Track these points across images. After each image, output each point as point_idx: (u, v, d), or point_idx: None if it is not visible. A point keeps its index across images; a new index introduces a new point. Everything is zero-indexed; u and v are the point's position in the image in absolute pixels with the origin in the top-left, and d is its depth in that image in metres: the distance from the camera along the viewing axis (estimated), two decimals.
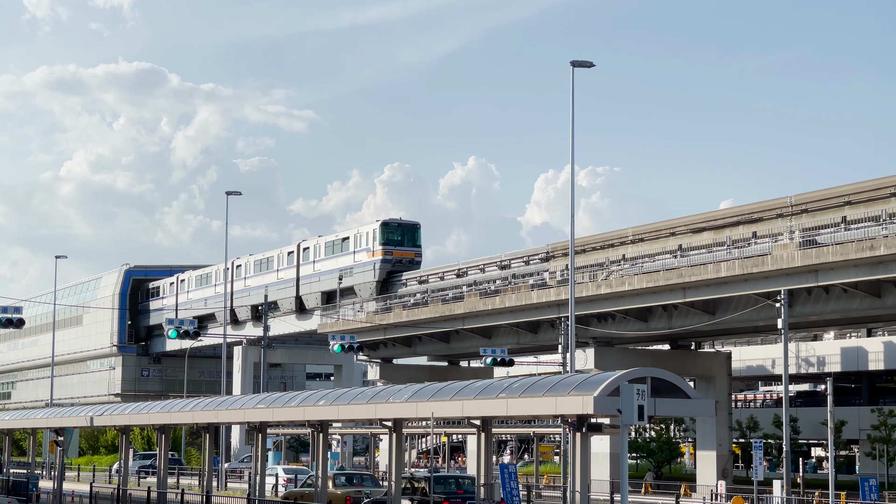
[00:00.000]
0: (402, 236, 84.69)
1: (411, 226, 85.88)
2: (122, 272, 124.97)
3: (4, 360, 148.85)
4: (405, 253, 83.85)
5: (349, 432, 75.68)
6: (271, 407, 35.68)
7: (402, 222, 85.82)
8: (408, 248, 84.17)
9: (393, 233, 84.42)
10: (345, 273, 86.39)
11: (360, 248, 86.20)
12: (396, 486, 30.75)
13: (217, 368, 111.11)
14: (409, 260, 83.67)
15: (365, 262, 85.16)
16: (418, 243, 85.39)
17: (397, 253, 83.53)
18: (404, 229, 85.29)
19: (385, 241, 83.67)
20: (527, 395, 26.34)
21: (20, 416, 62.54)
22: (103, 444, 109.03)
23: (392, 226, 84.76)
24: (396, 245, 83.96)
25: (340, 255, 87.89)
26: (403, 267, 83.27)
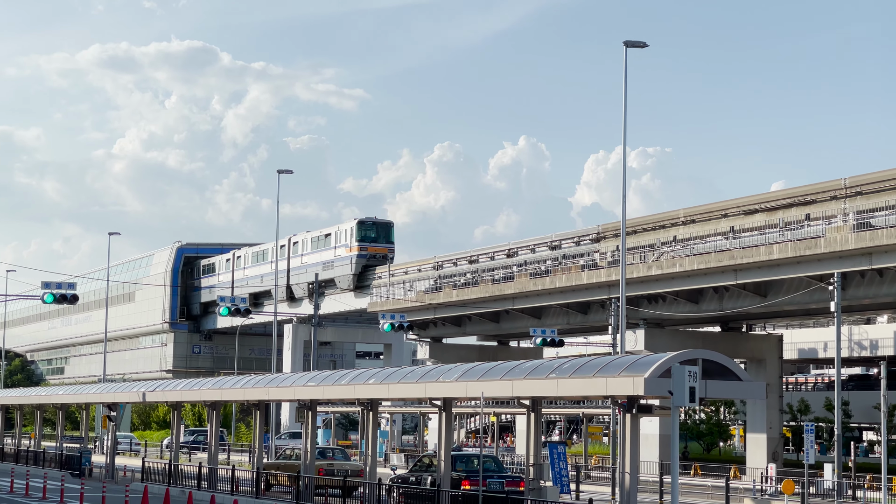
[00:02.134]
0: (377, 234, 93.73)
1: (385, 224, 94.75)
2: (174, 249, 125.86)
3: (58, 336, 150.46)
4: (379, 249, 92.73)
5: (398, 411, 75.76)
6: (321, 385, 35.82)
7: (376, 221, 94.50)
8: (381, 244, 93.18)
9: (368, 230, 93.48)
10: (327, 266, 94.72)
11: (340, 243, 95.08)
12: (446, 466, 30.80)
13: (267, 346, 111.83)
14: (383, 255, 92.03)
15: (343, 256, 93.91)
16: (391, 240, 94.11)
17: (371, 249, 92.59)
18: (378, 227, 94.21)
19: (361, 238, 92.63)
20: (577, 375, 26.28)
21: (74, 391, 63.18)
22: (154, 419, 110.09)
23: (367, 224, 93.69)
24: (371, 242, 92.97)
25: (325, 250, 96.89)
26: (377, 261, 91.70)
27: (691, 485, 50.64)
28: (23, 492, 40.55)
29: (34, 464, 57.33)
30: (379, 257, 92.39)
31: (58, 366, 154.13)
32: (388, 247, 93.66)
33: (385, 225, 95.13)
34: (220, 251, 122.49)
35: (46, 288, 52.58)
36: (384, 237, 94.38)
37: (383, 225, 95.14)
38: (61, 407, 62.75)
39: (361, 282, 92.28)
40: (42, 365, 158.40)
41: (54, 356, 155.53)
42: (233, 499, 31.65)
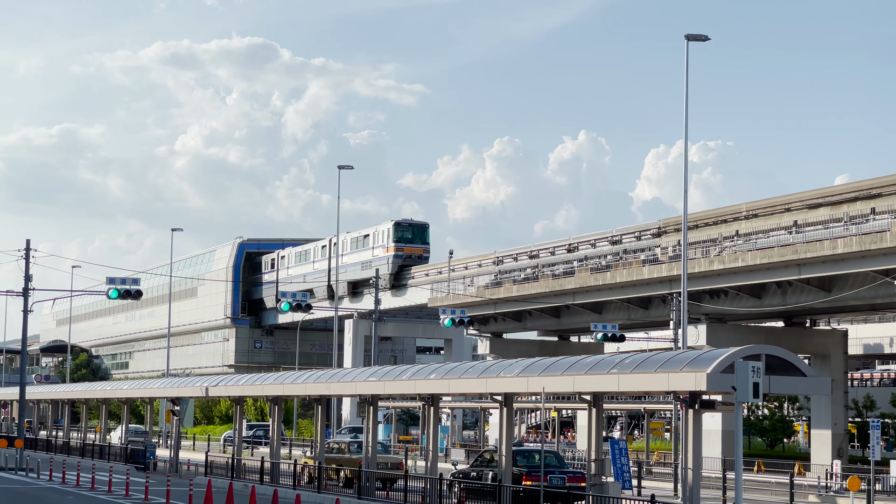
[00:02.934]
0: (413, 235, 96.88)
1: (420, 225, 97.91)
2: (236, 245, 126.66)
3: (123, 331, 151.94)
4: (415, 249, 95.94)
5: (459, 406, 75.95)
6: (382, 380, 35.91)
7: (412, 222, 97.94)
8: (417, 245, 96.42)
9: (404, 231, 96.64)
10: (365, 265, 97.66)
11: (378, 244, 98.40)
12: (507, 461, 30.78)
13: (328, 341, 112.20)
14: (419, 255, 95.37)
15: (381, 256, 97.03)
16: (427, 241, 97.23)
17: (407, 249, 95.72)
18: (414, 229, 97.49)
19: (397, 239, 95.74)
20: (638, 370, 26.16)
21: (138, 386, 63.83)
22: (217, 414, 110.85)
23: (403, 225, 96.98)
24: (407, 242, 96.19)
25: (364, 250, 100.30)
26: (413, 262, 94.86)
27: (755, 481, 50.25)
28: (89, 485, 41.01)
29: (100, 457, 57.97)
30: (415, 257, 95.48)
31: (122, 361, 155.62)
32: (423, 247, 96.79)
33: (420, 226, 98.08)
34: (280, 246, 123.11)
35: (111, 283, 53.12)
36: (420, 238, 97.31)
37: (419, 226, 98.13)
38: (126, 401, 63.41)
39: (398, 281, 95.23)
40: (107, 360, 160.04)
41: (119, 351, 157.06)
42: (295, 493, 31.81)
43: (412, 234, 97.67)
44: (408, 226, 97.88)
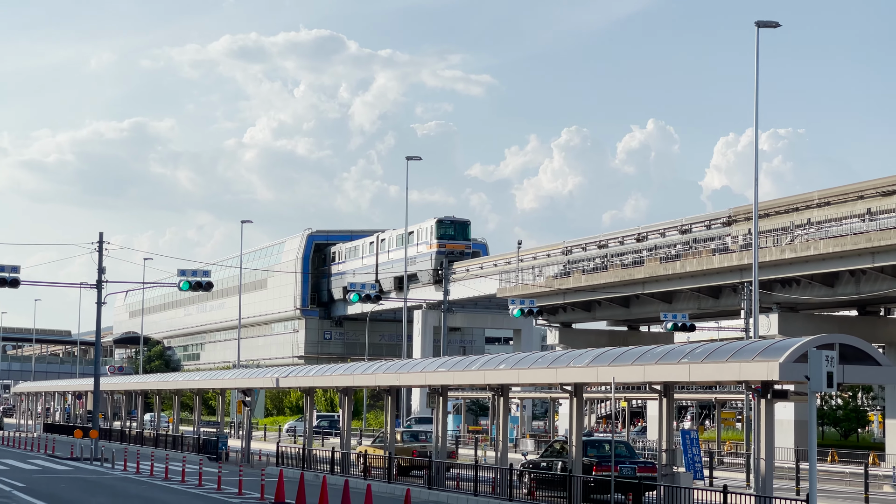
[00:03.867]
0: (455, 231, 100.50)
1: (462, 222, 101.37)
2: (305, 236, 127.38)
3: (194, 323, 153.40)
4: (457, 245, 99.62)
5: (529, 396, 75.92)
6: (452, 370, 35.94)
7: (454, 220, 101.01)
8: (459, 241, 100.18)
9: (447, 228, 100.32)
10: (410, 261, 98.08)
11: (421, 241, 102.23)
12: (577, 451, 30.70)
13: (397, 332, 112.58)
14: (461, 252, 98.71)
15: (424, 253, 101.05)
16: (468, 237, 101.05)
17: (450, 245, 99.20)
18: (456, 226, 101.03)
19: (440, 236, 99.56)
20: (709, 360, 25.98)
21: (210, 377, 64.41)
22: (287, 405, 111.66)
23: (446, 223, 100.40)
24: (450, 239, 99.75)
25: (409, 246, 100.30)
26: (455, 257, 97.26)
27: (828, 471, 49.74)
28: (162, 475, 41.45)
29: (173, 448, 58.58)
30: (457, 253, 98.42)
31: (193, 352, 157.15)
32: (465, 244, 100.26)
33: (462, 223, 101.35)
34: (349, 238, 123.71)
35: (182, 275, 53.64)
36: (462, 234, 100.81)
37: (461, 223, 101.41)
38: (198, 392, 64.00)
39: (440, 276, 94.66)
40: (178, 351, 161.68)
41: (190, 342, 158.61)
42: (366, 483, 31.94)
43: (454, 231, 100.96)
44: (450, 223, 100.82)
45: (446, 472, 36.32)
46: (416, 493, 33.58)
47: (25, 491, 33.72)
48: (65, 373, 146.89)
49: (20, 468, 45.22)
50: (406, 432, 48.25)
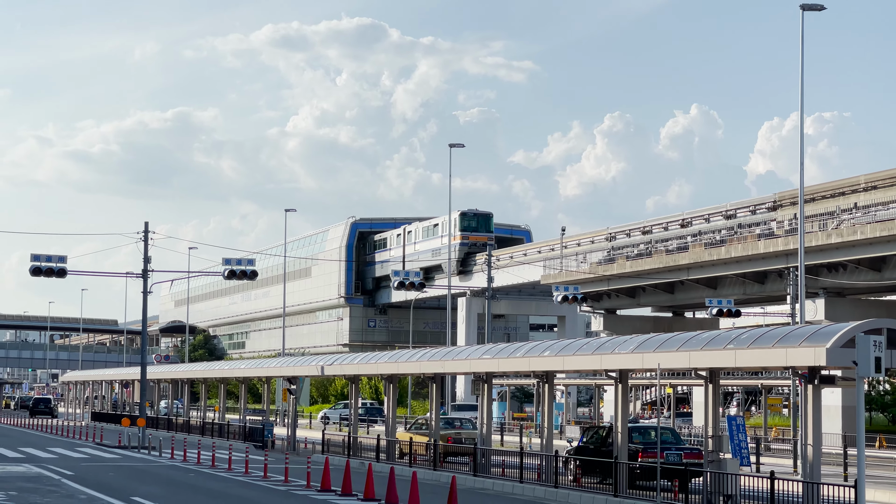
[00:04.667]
0: (478, 224, 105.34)
1: (485, 215, 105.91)
2: (349, 225, 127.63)
3: (239, 311, 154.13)
4: (479, 237, 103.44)
5: (573, 383, 75.81)
6: (496, 357, 35.92)
7: (477, 212, 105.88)
8: (481, 233, 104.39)
9: (470, 221, 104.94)
10: (435, 253, 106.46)
11: (445, 233, 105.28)
12: (623, 437, 30.62)
13: (441, 319, 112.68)
14: (483, 243, 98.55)
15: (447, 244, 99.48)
16: (490, 229, 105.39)
17: (472, 237, 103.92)
18: (479, 218, 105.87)
19: (463, 228, 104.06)
20: (755, 346, 25.82)
21: (255, 365, 64.70)
22: (332, 392, 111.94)
23: (469, 215, 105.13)
24: (472, 231, 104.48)
25: (433, 238, 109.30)
26: (478, 249, 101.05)
27: (876, 457, 49.33)
28: (209, 463, 41.70)
29: (219, 436, 58.90)
30: (479, 245, 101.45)
31: (238, 340, 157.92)
32: (487, 235, 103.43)
33: (485, 216, 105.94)
34: (392, 226, 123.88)
35: (227, 264, 53.89)
36: (484, 226, 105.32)
37: (483, 216, 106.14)
38: (243, 380, 64.31)
39: (464, 267, 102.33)
40: (224, 340, 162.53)
41: (235, 331, 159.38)
42: (412, 470, 31.99)
43: (477, 223, 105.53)
44: (473, 215, 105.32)
45: (446, 454, 36.32)
46: (462, 479, 33.61)
47: (74, 479, 34.03)
48: (112, 362, 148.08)
49: (69, 456, 45.63)
50: (442, 419, 48.24)
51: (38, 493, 28.88)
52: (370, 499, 28.25)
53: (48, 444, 54.56)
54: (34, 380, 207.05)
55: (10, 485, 31.27)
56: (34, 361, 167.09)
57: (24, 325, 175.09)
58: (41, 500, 27.30)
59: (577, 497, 29.99)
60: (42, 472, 36.76)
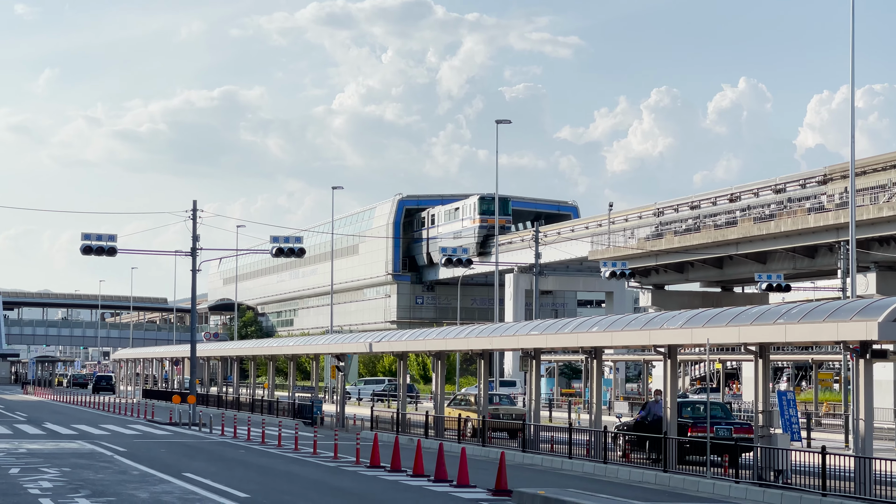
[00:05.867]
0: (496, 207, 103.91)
1: (503, 199, 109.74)
2: (396, 202, 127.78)
3: (287, 289, 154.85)
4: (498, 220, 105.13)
5: (621, 359, 75.69)
6: (545, 333, 35.87)
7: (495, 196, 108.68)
8: (500, 216, 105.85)
9: (489, 204, 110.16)
10: (456, 235, 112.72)
11: (466, 216, 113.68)
12: (672, 412, 30.50)
13: (489, 296, 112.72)
14: (502, 226, 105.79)
15: (468, 227, 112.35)
16: (508, 213, 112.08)
17: (491, 220, 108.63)
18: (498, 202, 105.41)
19: (482, 212, 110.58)
20: (806, 320, 25.62)
21: (304, 343, 64.97)
22: (380, 369, 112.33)
23: (488, 199, 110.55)
24: (491, 214, 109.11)
25: (455, 221, 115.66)
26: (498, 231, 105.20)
27: None
28: (259, 439, 41.96)
29: (268, 413, 59.25)
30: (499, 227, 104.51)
31: (287, 318, 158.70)
32: (505, 218, 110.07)
33: (503, 200, 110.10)
34: (439, 202, 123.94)
35: (275, 242, 54.09)
36: (502, 210, 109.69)
37: (502, 200, 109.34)
38: (292, 358, 64.60)
39: (484, 248, 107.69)
40: (272, 317, 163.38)
41: (283, 308, 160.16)
42: (460, 446, 32.06)
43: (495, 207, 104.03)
44: (491, 199, 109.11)
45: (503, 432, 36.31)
46: (510, 455, 33.64)
47: (127, 455, 34.35)
48: (162, 339, 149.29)
49: (121, 433, 46.06)
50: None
51: (91, 469, 29.18)
52: (419, 474, 28.33)
53: (100, 421, 55.09)
54: (85, 358, 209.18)
55: (64, 461, 31.62)
56: (85, 339, 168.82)
57: (76, 303, 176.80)
58: (94, 475, 27.58)
59: (626, 472, 29.94)
60: (95, 448, 37.14)
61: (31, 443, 39.38)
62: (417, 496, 24.69)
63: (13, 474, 27.66)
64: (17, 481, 26.00)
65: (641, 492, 26.55)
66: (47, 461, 31.58)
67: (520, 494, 23.68)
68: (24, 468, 29.24)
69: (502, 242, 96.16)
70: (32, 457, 33.23)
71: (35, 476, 27.17)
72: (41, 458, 32.88)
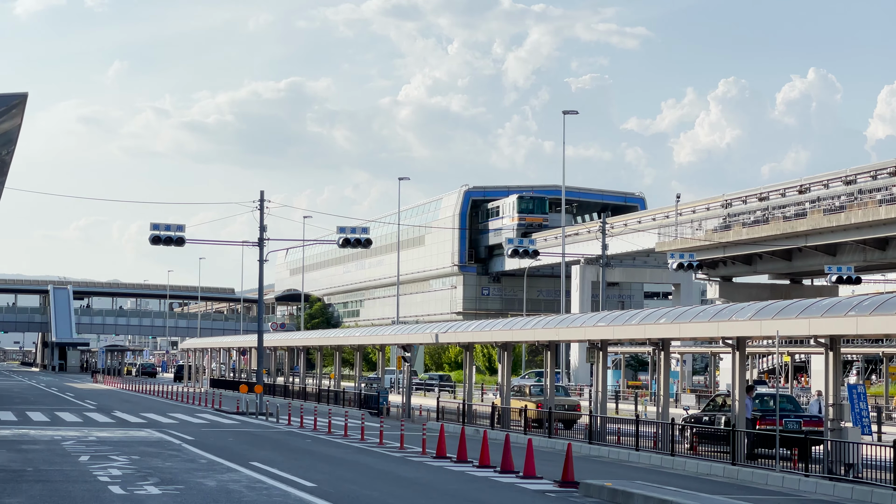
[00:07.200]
0: (534, 206, 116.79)
1: (540, 199, 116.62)
2: (462, 193, 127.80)
3: (353, 280, 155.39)
4: (535, 219, 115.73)
5: (689, 351, 75.20)
6: (612, 325, 35.71)
7: (533, 196, 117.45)
8: (537, 215, 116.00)
9: (527, 203, 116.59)
10: (495, 232, 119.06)
11: (505, 214, 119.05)
12: (741, 405, 30.26)
13: (555, 287, 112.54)
14: (539, 224, 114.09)
15: (507, 225, 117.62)
16: (545, 211, 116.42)
17: (528, 219, 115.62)
18: (535, 201, 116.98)
19: (520, 210, 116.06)
20: (878, 312, 25.30)
21: (370, 333, 65.15)
22: (446, 360, 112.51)
23: (526, 199, 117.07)
24: (528, 213, 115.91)
25: (496, 219, 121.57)
26: (534, 229, 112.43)
27: None
28: (325, 429, 42.14)
29: (334, 403, 59.49)
30: (535, 226, 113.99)
31: (353, 309, 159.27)
32: (542, 217, 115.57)
33: (540, 199, 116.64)
34: (505, 193, 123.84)
35: (342, 232, 54.27)
36: (539, 209, 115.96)
37: (539, 199, 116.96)
38: (358, 348, 64.81)
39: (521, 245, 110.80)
40: (338, 308, 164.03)
41: (349, 299, 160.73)
42: (526, 438, 32.00)
43: (533, 206, 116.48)
44: (529, 199, 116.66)
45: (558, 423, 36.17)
46: (577, 447, 33.52)
47: (195, 444, 34.63)
48: (229, 329, 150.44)
49: (189, 422, 46.46)
50: (535, 386, 49.51)
51: (160, 458, 29.44)
52: (485, 465, 28.30)
53: (168, 410, 55.61)
54: (154, 347, 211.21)
55: (133, 449, 31.94)
56: (154, 329, 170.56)
57: (144, 293, 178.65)
58: (163, 464, 27.83)
59: (694, 465, 29.73)
60: (163, 436, 37.49)
61: (100, 431, 39.84)
62: (484, 487, 24.66)
63: (83, 462, 27.98)
64: (88, 469, 26.29)
65: (709, 484, 26.35)
66: (116, 449, 31.92)
67: (587, 486, 23.58)
68: (94, 456, 29.57)
69: (569, 234, 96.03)
70: (102, 444, 33.61)
71: (105, 464, 27.46)
72: (110, 445, 33.24)
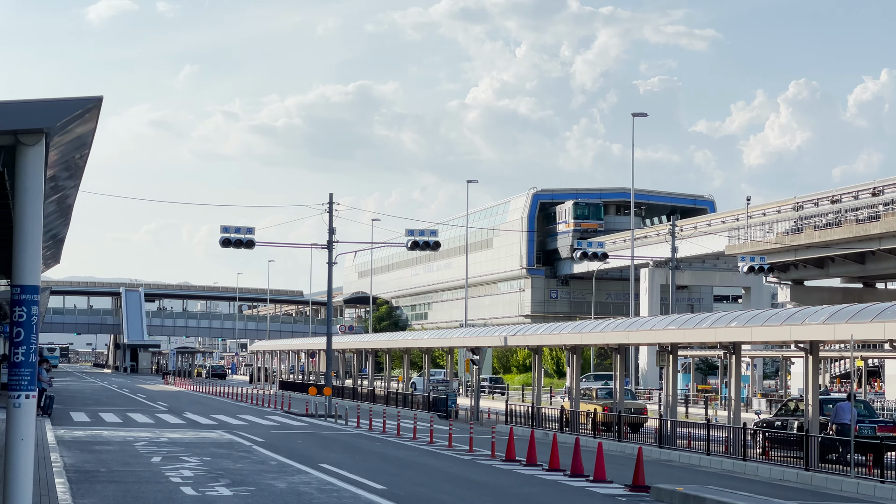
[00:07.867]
0: (588, 213, 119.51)
1: (595, 205, 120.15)
2: (530, 196, 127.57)
3: (421, 282, 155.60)
4: (590, 224, 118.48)
5: (760, 355, 74.49)
6: (682, 328, 35.42)
7: (588, 202, 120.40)
8: (592, 221, 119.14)
9: (582, 209, 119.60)
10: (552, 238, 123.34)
11: (562, 220, 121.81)
12: (814, 410, 29.90)
13: (623, 290, 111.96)
14: (594, 230, 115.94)
15: (564, 230, 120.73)
16: (600, 217, 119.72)
17: (584, 224, 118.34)
18: (590, 208, 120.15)
19: (576, 216, 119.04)
20: None
21: (438, 336, 65.17)
22: (514, 363, 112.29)
23: (581, 205, 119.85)
24: (584, 219, 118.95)
25: (554, 224, 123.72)
26: (589, 234, 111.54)
27: None
28: (394, 432, 42.19)
29: (403, 405, 59.56)
30: (590, 231, 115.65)
31: (421, 311, 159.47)
32: (598, 223, 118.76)
33: (595, 206, 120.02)
34: (573, 196, 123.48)
35: (410, 235, 54.34)
36: (595, 215, 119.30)
37: (594, 206, 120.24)
38: (426, 351, 64.84)
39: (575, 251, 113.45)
40: (406, 310, 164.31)
41: (417, 302, 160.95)
42: (596, 441, 31.84)
43: (588, 212, 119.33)
44: (585, 205, 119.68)
45: (626, 426, 35.89)
46: (647, 451, 33.28)
47: (264, 445, 34.80)
48: (297, 332, 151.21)
49: (258, 423, 46.73)
50: (602, 389, 49.23)
51: (230, 459, 29.61)
52: (555, 469, 28.17)
53: (238, 412, 55.97)
54: (224, 349, 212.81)
55: (204, 450, 32.16)
56: (223, 331, 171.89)
57: (214, 295, 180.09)
58: (233, 465, 27.98)
59: (766, 470, 29.40)
60: (234, 438, 37.72)
61: (171, 432, 40.17)
62: (553, 491, 24.55)
63: (155, 462, 28.20)
64: (160, 469, 26.49)
65: (782, 490, 26.04)
66: (188, 450, 32.15)
67: (658, 490, 23.39)
68: (166, 457, 29.80)
69: (638, 237, 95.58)
70: (173, 445, 33.88)
71: (176, 465, 27.66)
72: (182, 447, 33.50)
